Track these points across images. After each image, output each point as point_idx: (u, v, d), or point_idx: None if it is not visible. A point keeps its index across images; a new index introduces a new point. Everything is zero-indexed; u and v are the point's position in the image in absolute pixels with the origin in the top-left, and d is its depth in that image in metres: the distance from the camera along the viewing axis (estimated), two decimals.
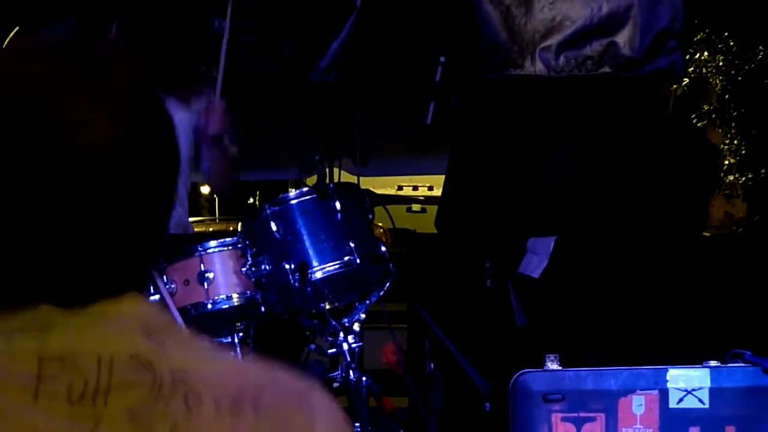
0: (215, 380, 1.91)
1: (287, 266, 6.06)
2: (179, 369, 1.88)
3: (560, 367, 6.51)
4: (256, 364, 2.07)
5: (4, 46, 10.31)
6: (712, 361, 6.36)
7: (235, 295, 6.14)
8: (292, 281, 6.04)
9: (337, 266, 6.07)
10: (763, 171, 12.59)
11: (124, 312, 1.90)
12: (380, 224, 7.22)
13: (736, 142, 13.07)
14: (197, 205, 10.01)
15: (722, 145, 12.84)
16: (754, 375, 6.43)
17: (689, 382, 6.38)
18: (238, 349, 6.11)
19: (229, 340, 6.13)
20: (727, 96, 13.17)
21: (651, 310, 7.61)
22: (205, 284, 6.12)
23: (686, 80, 11.88)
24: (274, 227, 6.11)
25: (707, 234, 9.86)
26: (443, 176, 8.52)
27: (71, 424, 1.81)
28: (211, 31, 7.04)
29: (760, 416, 6.37)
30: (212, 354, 2.02)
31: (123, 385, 1.84)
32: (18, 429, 1.81)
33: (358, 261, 6.08)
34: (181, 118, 6.61)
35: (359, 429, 6.11)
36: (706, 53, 12.88)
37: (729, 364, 6.40)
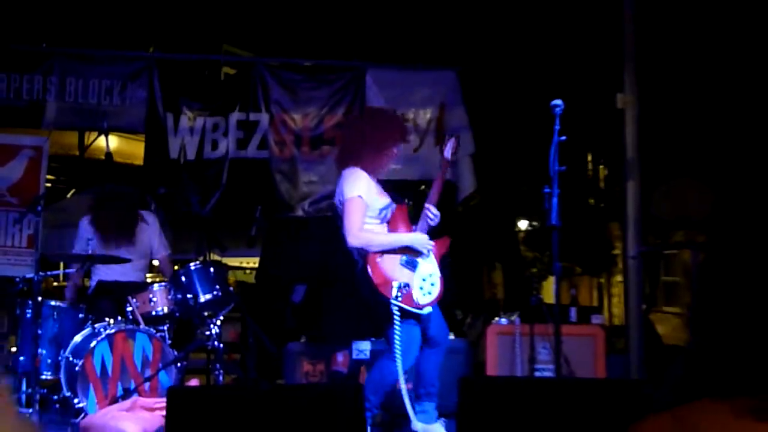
0: None
1: (189, 296, 5.96)
2: None
3: (306, 341, 6.53)
4: None
5: (63, 202, 9.78)
6: (372, 338, 6.40)
7: (164, 308, 6.00)
8: (191, 303, 5.94)
9: (210, 296, 5.98)
10: None
11: None
12: (232, 279, 7.15)
13: None
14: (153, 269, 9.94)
15: None
16: (385, 346, 6.50)
17: (362, 347, 6.38)
18: (166, 334, 5.96)
19: (162, 328, 5.95)
20: None
21: (351, 316, 7.58)
22: (151, 303, 5.98)
23: None
24: (183, 279, 6.01)
25: None
26: (258, 258, 8.46)
27: None
28: (158, 192, 6.93)
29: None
30: None
31: None
32: None
33: (220, 294, 6.01)
34: (128, 246, 6.50)
35: (221, 368, 5.85)
36: None
37: (378, 339, 6.44)
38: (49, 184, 8.20)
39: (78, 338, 5.81)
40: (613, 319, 16.59)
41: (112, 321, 5.79)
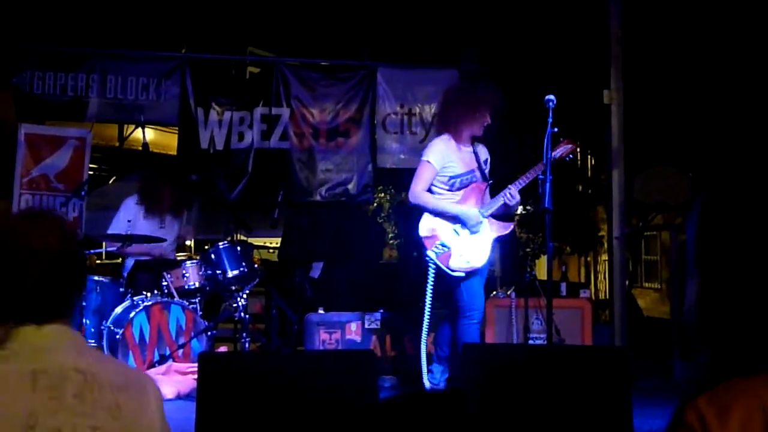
0: (106, 374, 1.73)
1: (218, 272, 5.96)
2: (91, 371, 1.69)
3: (323, 312, 6.50)
4: (119, 363, 1.93)
5: (105, 187, 9.77)
6: (381, 310, 6.39)
7: (196, 283, 6.01)
8: (219, 278, 5.95)
9: (237, 272, 5.99)
10: (402, 239, 12.51)
11: (62, 337, 1.73)
12: (256, 257, 7.16)
13: (394, 227, 13.03)
14: (183, 247, 9.69)
15: (388, 228, 12.75)
16: (396, 314, 6.45)
17: (372, 318, 6.39)
18: (198, 306, 5.97)
19: (194, 300, 5.97)
20: (390, 210, 13.11)
21: (360, 291, 7.53)
22: (184, 278, 5.98)
23: (375, 204, 11.81)
24: (212, 257, 6.02)
25: (381, 262, 9.76)
26: (280, 238, 8.42)
27: (49, 399, 1.62)
28: (190, 180, 6.89)
29: (398, 331, 6.36)
30: (102, 356, 1.86)
31: (71, 381, 1.67)
32: (20, 406, 1.62)
33: (246, 270, 6.02)
34: (172, 222, 6.47)
35: (247, 337, 5.91)
36: (383, 194, 12.82)
37: (386, 310, 6.41)
38: (91, 172, 8.17)
39: (119, 309, 5.83)
40: (599, 294, 16.58)
41: (149, 294, 5.81)
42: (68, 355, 1.72)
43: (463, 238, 5.04)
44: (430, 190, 5.14)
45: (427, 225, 5.07)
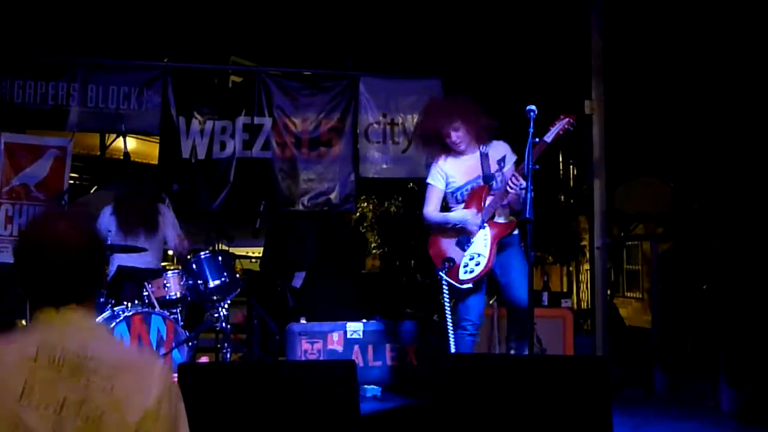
0: (108, 355, 1.87)
1: (199, 282, 5.92)
2: (92, 351, 1.85)
3: (305, 322, 6.48)
4: (126, 345, 2.08)
5: (87, 196, 9.69)
6: (363, 320, 6.38)
7: (177, 293, 5.95)
8: (201, 288, 5.91)
9: (219, 282, 5.94)
10: (385, 248, 12.54)
11: (75, 320, 1.91)
12: (238, 266, 7.11)
13: (376, 236, 13.04)
14: (167, 257, 9.59)
15: (370, 238, 12.77)
16: (379, 324, 6.44)
17: (354, 328, 6.37)
18: (179, 316, 5.92)
19: (175, 310, 5.92)
20: (373, 220, 13.14)
21: (342, 301, 7.50)
22: (165, 288, 5.93)
23: (357, 214, 11.81)
24: (194, 266, 5.97)
25: (364, 271, 9.73)
26: (262, 247, 8.40)
27: (47, 372, 1.81)
28: (172, 189, 6.86)
29: (380, 342, 6.36)
30: (107, 338, 2.00)
31: (70, 359, 1.82)
32: (19, 376, 1.80)
33: (227, 280, 5.97)
34: (148, 234, 6.41)
35: (228, 347, 5.86)
36: (365, 203, 12.83)
37: (369, 320, 6.40)
38: (72, 181, 8.13)
39: (99, 320, 5.77)
40: (580, 303, 16.62)
41: (129, 304, 5.77)
42: (74, 336, 1.88)
43: (464, 250, 5.01)
44: (445, 208, 5.19)
45: (431, 243, 5.16)
